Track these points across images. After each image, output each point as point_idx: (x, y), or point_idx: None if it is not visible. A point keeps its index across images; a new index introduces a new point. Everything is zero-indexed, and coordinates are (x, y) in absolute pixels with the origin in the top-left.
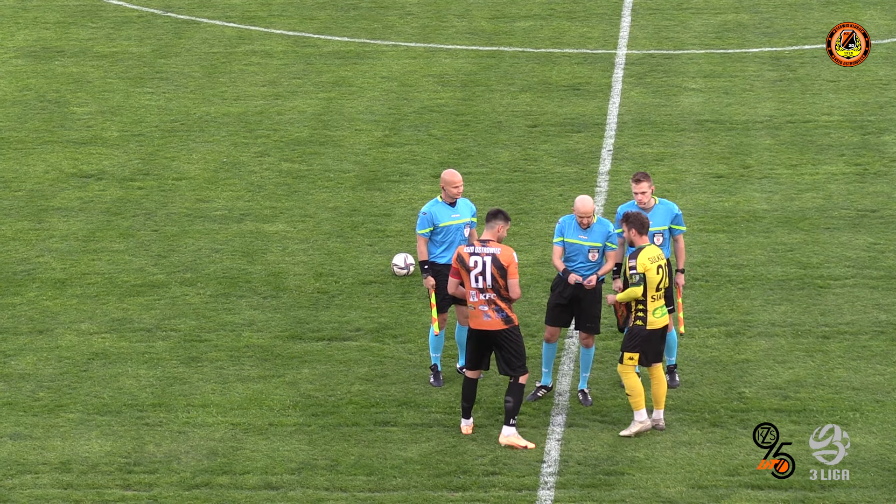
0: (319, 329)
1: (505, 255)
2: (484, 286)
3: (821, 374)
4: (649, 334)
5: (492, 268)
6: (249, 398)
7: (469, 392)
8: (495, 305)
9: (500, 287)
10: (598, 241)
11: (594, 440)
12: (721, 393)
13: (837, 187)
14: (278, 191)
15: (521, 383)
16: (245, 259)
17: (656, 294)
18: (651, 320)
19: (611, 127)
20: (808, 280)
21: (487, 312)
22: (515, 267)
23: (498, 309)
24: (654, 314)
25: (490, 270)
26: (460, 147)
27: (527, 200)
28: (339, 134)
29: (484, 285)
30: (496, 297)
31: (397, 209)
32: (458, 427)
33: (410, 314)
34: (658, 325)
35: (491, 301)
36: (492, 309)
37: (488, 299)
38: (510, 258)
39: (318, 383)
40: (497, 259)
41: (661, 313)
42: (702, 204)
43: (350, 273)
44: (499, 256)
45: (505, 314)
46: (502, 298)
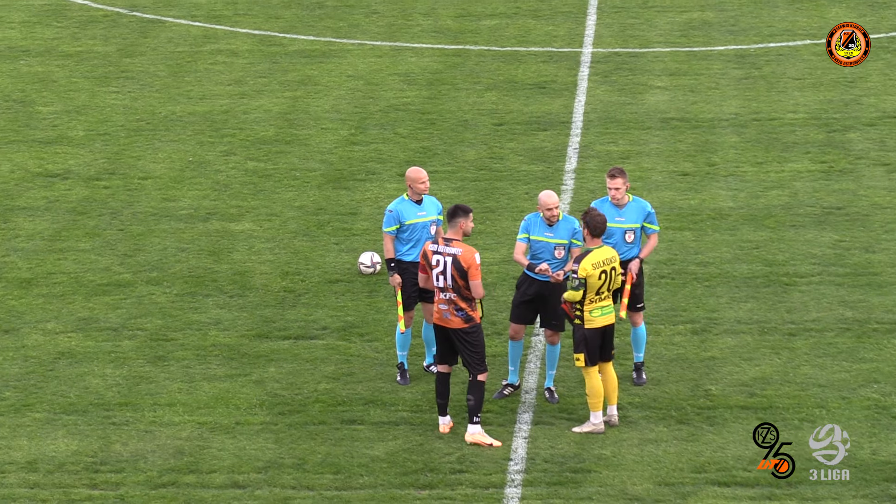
0: (286, 328)
1: (466, 256)
2: (444, 286)
3: (787, 371)
4: (588, 333)
5: (452, 268)
6: (216, 397)
7: (442, 388)
8: (455, 305)
9: (460, 287)
10: (564, 238)
11: (561, 438)
12: (687, 390)
13: (803, 185)
14: (244, 190)
15: (480, 381)
16: (211, 258)
17: (595, 297)
18: (588, 318)
19: (577, 125)
20: (774, 277)
21: (447, 311)
22: (477, 268)
23: (458, 308)
24: (592, 314)
25: (450, 271)
26: (426, 145)
27: (493, 199)
28: (305, 133)
29: (444, 285)
30: (456, 297)
31: (363, 208)
32: (426, 425)
33: (377, 313)
34: (597, 323)
35: (451, 301)
36: (452, 308)
37: (448, 299)
38: (471, 260)
39: (284, 382)
40: (457, 260)
41: (599, 312)
42: (668, 202)
43: (316, 272)
44: (459, 258)
45: (465, 314)
46: (463, 298)
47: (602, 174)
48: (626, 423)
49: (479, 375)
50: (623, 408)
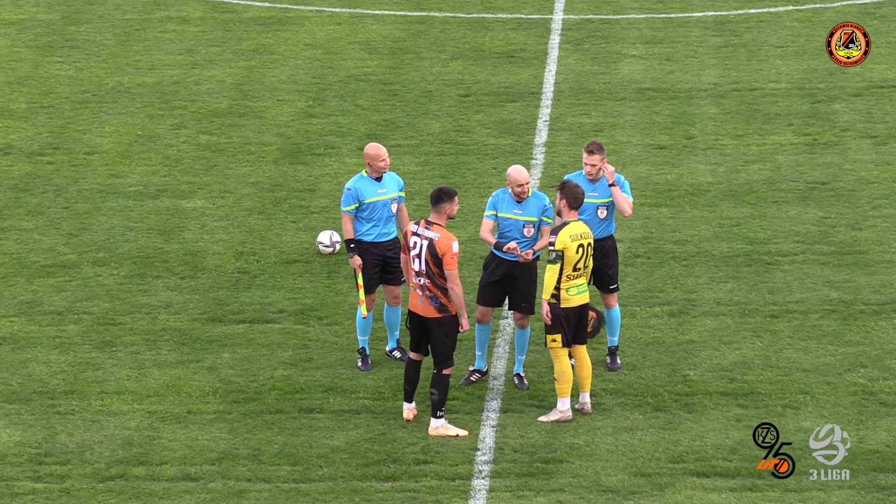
0: (240, 311)
1: (442, 243)
2: (419, 270)
3: (769, 355)
4: (564, 313)
5: (426, 253)
6: (167, 384)
7: (411, 374)
8: (429, 292)
9: (433, 274)
10: (534, 216)
11: (531, 426)
12: (664, 376)
13: (786, 158)
14: (196, 165)
15: (445, 375)
16: (161, 237)
17: (573, 273)
18: (564, 297)
19: (547, 96)
20: (756, 256)
21: (421, 297)
22: (452, 256)
23: (431, 296)
24: (568, 291)
25: (425, 255)
26: (388, 118)
27: (459, 174)
28: (261, 105)
29: (419, 269)
30: (429, 283)
31: (322, 184)
32: (388, 413)
33: (336, 295)
34: (574, 302)
35: (425, 287)
36: (425, 295)
37: (422, 284)
38: (447, 247)
39: (239, 368)
40: (433, 246)
41: (575, 291)
42: (643, 176)
43: (272, 252)
44: (436, 243)
45: (439, 302)
46: (437, 286)
47: (574, 148)
48: (599, 410)
49: (445, 370)
50: (597, 394)
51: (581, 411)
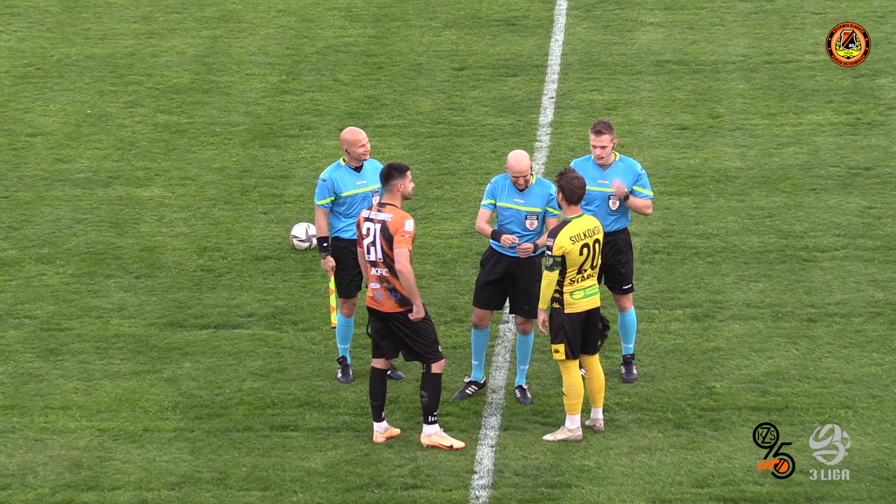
0: (204, 315)
1: (395, 222)
2: (375, 259)
3: (806, 364)
4: (568, 319)
5: (380, 238)
6: (120, 398)
7: (377, 388)
8: (388, 283)
9: (390, 262)
10: (538, 206)
11: (535, 446)
12: (687, 388)
13: (825, 140)
14: (153, 148)
15: (435, 373)
16: (114, 231)
17: (577, 276)
18: (569, 302)
19: (553, 70)
20: (791, 252)
21: (379, 291)
22: (403, 235)
23: (391, 289)
24: (573, 295)
25: (379, 241)
26: (372, 94)
27: (452, 158)
28: (227, 80)
29: (375, 258)
30: (388, 273)
31: (297, 170)
32: (372, 432)
33: (313, 296)
34: (580, 307)
35: (383, 278)
36: (384, 287)
37: (379, 275)
38: (399, 224)
39: (202, 380)
40: (386, 227)
41: (581, 294)
42: (663, 161)
43: (240, 247)
44: (388, 224)
45: (399, 295)
46: (396, 275)
47: (584, 128)
48: (613, 427)
49: (434, 366)
50: (610, 410)
51: (592, 429)
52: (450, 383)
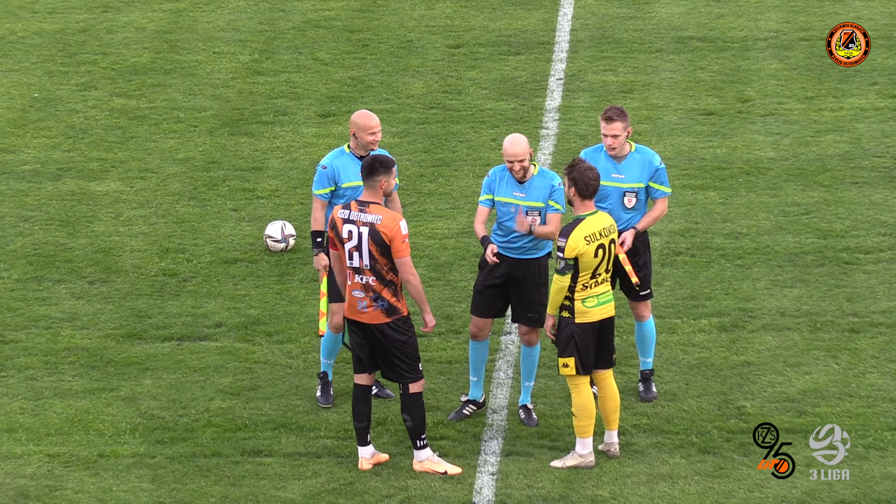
0: (166, 325)
1: (388, 225)
2: (360, 266)
3: (848, 380)
4: (579, 330)
5: (369, 242)
6: (71, 420)
7: (361, 407)
8: (373, 293)
9: (380, 269)
10: (540, 200)
11: (541, 474)
12: (713, 408)
13: (868, 128)
14: (109, 137)
15: (414, 392)
16: (64, 230)
17: (590, 281)
18: (580, 310)
19: (561, 47)
20: (830, 254)
21: (363, 300)
22: (403, 240)
23: (377, 297)
24: (585, 303)
25: (367, 246)
26: (356, 75)
27: (447, 147)
28: (192, 59)
29: (360, 265)
30: (375, 281)
31: (271, 160)
32: (357, 457)
33: (290, 304)
34: (593, 316)
35: (368, 286)
36: (369, 297)
37: (364, 283)
38: (395, 229)
39: (164, 399)
40: (376, 231)
41: (594, 302)
42: (685, 151)
43: (207, 248)
44: (379, 227)
45: (387, 304)
46: (384, 283)
47: (596, 114)
48: (630, 452)
49: (412, 386)
50: (626, 433)
51: (606, 454)
52: (445, 402)
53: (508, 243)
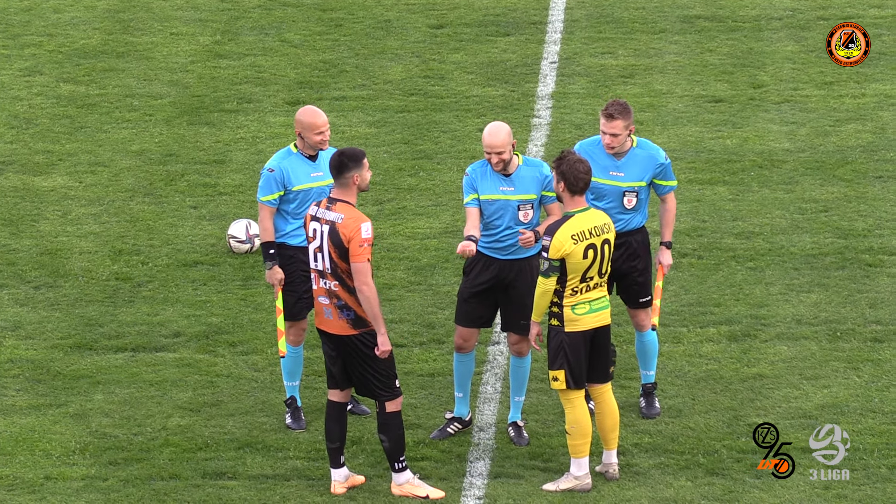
0: (119, 334)
1: (348, 225)
2: (323, 269)
3: (870, 395)
4: (569, 339)
5: (328, 243)
6: (15, 439)
7: (335, 426)
8: (338, 300)
9: (342, 273)
10: (531, 192)
11: (532, 497)
12: (722, 425)
13: (893, 116)
14: (56, 127)
15: (391, 411)
16: (7, 230)
17: (580, 286)
18: (570, 317)
19: (555, 27)
20: (851, 255)
21: (328, 308)
22: (360, 244)
23: (342, 305)
24: (575, 310)
25: (327, 247)
26: (329, 58)
27: (429, 138)
28: (147, 40)
29: (322, 267)
30: (339, 287)
31: (234, 153)
32: (329, 480)
33: (256, 311)
34: (584, 324)
35: (332, 293)
36: (333, 304)
37: (328, 289)
38: (354, 230)
39: (117, 416)
40: (335, 230)
41: (586, 308)
42: (692, 142)
43: (164, 250)
44: (338, 227)
45: (353, 314)
46: (349, 290)
47: (594, 100)
48: (630, 474)
49: (389, 404)
50: (626, 452)
51: (604, 476)
52: (427, 420)
53: (496, 243)
